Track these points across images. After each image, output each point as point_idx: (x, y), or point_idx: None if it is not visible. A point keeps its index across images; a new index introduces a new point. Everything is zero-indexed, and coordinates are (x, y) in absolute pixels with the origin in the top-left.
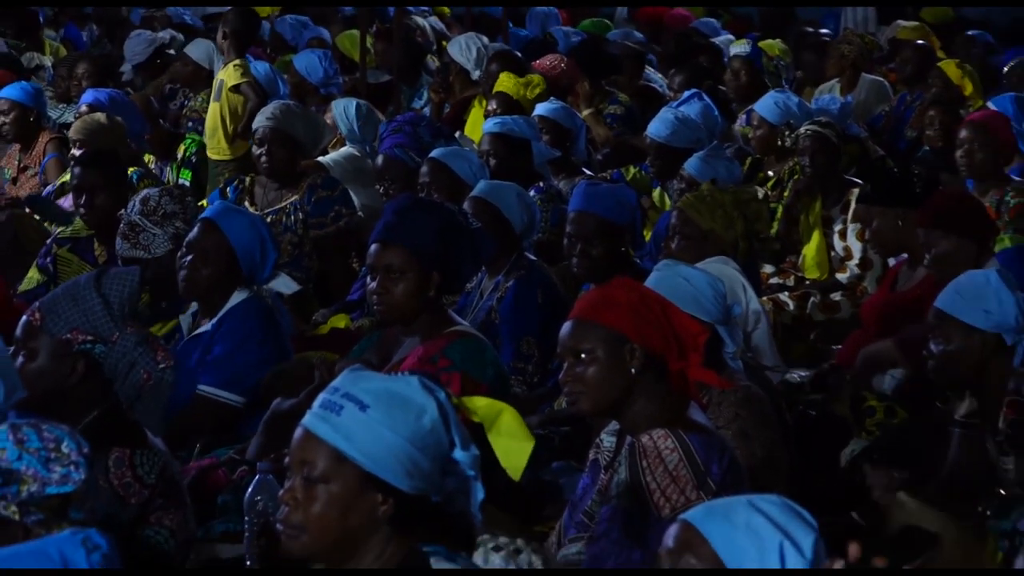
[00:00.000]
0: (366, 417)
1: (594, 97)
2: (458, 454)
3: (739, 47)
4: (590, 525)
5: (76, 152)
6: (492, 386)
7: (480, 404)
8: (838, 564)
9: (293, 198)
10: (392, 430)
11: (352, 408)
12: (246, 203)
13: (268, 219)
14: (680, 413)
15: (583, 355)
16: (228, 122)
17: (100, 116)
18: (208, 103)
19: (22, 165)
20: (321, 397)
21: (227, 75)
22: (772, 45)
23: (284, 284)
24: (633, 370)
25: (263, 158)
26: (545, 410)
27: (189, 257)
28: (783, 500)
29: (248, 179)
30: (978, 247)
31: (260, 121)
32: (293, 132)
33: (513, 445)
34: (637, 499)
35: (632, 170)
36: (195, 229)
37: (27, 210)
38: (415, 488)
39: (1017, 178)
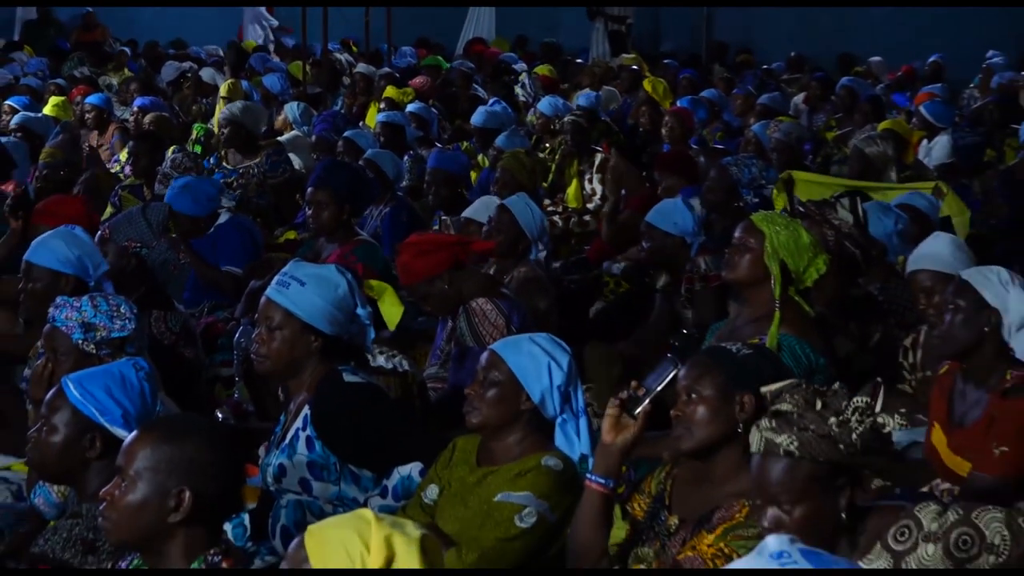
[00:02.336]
0: (304, 289)
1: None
2: (359, 310)
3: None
4: (440, 356)
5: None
6: (381, 272)
7: (373, 284)
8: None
9: (256, 160)
10: (320, 297)
11: (296, 284)
12: (225, 163)
13: (239, 170)
14: (490, 287)
15: (421, 297)
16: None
17: (164, 115)
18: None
19: (98, 144)
20: (276, 278)
21: (222, 89)
22: (544, 68)
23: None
24: (447, 285)
25: (224, 134)
26: None
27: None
28: (550, 336)
29: (224, 151)
30: (689, 182)
31: (223, 114)
32: (239, 120)
33: (391, 309)
34: (477, 341)
35: (465, 144)
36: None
37: None
38: (334, 332)
39: (695, 146)
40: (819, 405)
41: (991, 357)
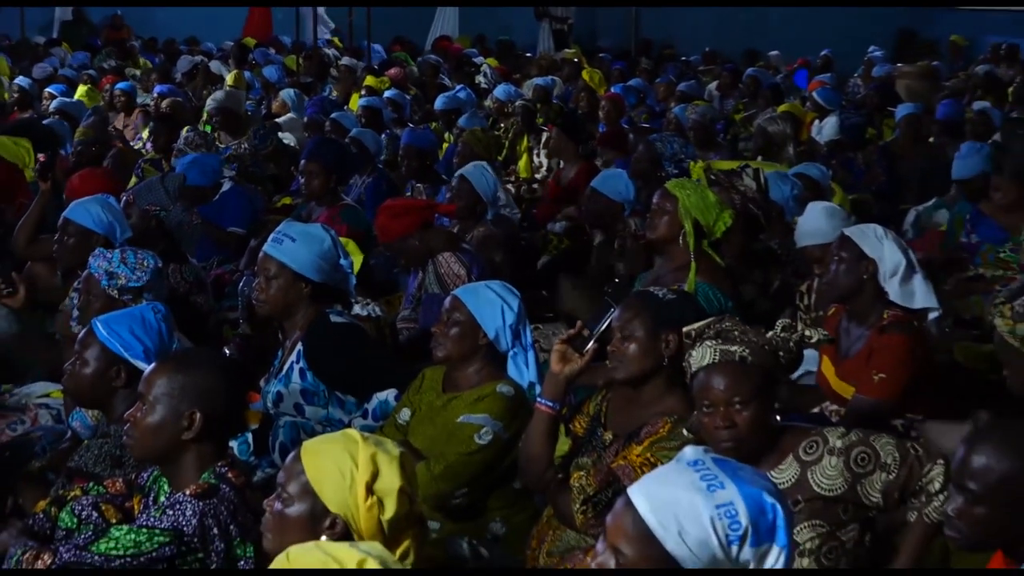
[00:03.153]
0: (295, 245)
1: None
2: (342, 261)
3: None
4: (412, 301)
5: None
6: (364, 231)
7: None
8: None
9: (244, 138)
10: (309, 251)
11: (288, 240)
12: (218, 143)
13: (231, 147)
14: (453, 243)
15: (396, 252)
16: None
17: (179, 100)
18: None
19: (124, 125)
20: (272, 235)
21: (229, 79)
22: (492, 60)
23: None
24: (418, 242)
25: (214, 120)
26: None
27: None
28: (504, 283)
29: (217, 133)
30: (623, 155)
31: (209, 105)
32: (225, 106)
33: (353, 258)
34: (443, 288)
35: (434, 124)
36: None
37: None
38: (321, 279)
39: (626, 126)
40: (747, 328)
41: (870, 300)
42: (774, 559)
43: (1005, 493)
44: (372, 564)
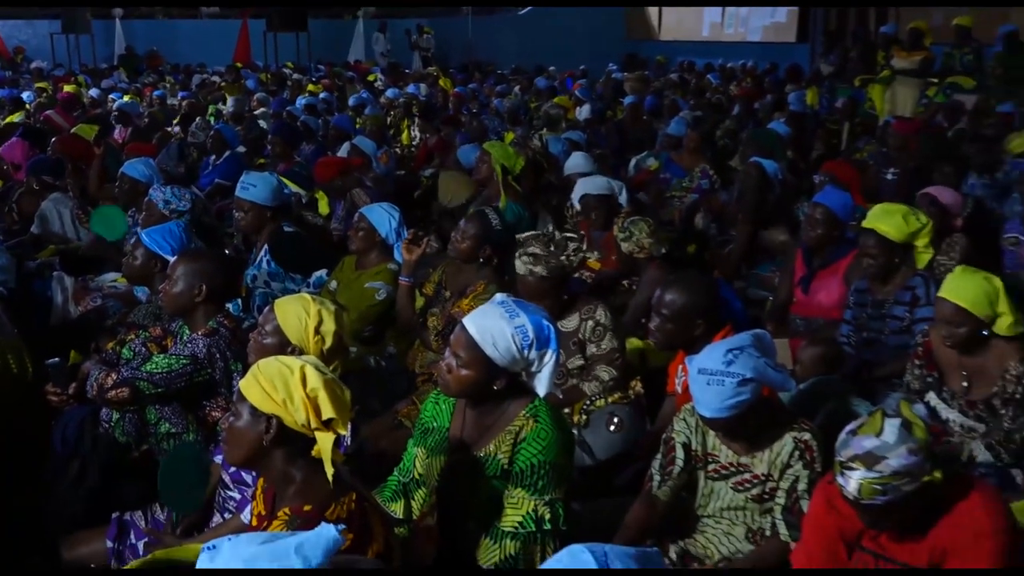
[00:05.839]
0: (256, 188)
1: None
2: (286, 191)
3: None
4: (339, 218)
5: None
6: (308, 178)
7: (319, 196)
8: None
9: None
10: (266, 189)
11: (251, 186)
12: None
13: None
14: (360, 183)
15: (326, 190)
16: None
17: (194, 101)
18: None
19: None
20: (239, 183)
21: (227, 90)
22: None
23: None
24: (340, 182)
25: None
26: None
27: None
28: (391, 204)
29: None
30: (462, 130)
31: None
32: (236, 110)
33: (323, 205)
34: (355, 209)
35: (351, 113)
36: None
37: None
38: (276, 204)
39: (465, 113)
40: (551, 245)
41: (607, 210)
42: (549, 357)
43: (682, 315)
44: (310, 367)
